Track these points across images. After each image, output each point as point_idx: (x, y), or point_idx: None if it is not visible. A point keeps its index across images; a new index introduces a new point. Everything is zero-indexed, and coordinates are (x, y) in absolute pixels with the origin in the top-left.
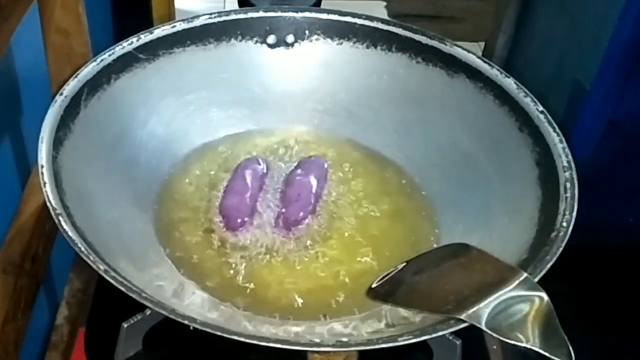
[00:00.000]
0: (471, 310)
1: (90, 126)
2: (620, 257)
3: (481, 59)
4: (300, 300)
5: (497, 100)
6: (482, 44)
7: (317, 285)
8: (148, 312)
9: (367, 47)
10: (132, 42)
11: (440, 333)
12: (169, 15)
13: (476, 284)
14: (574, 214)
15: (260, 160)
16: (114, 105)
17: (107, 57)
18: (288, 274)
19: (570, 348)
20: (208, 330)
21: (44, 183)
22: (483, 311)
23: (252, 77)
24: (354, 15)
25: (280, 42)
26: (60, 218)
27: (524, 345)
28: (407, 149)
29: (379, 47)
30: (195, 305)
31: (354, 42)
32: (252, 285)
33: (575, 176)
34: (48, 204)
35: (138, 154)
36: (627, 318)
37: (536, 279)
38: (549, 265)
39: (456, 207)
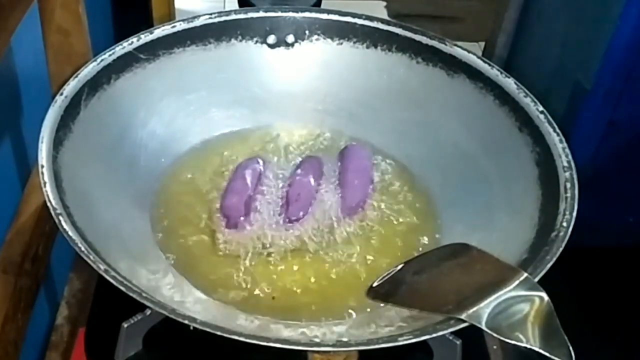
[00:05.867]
0: (471, 310)
1: (90, 126)
2: (620, 257)
3: (481, 59)
4: (300, 300)
5: (497, 100)
6: (482, 44)
7: (317, 284)
8: (148, 312)
9: (367, 47)
10: (132, 42)
11: (440, 333)
12: (169, 15)
13: (476, 284)
14: (574, 214)
15: (260, 160)
16: (114, 105)
17: (107, 57)
18: (288, 274)
19: (571, 348)
20: (208, 330)
21: (44, 183)
22: (483, 311)
23: (252, 77)
24: (354, 15)
25: (281, 42)
26: (60, 218)
27: (524, 345)
28: (407, 148)
29: (379, 47)
30: (195, 304)
31: (354, 42)
32: (251, 285)
33: (575, 176)
34: (48, 204)
35: (138, 154)
36: (627, 318)
37: (536, 279)
38: (549, 265)
39: (456, 207)
